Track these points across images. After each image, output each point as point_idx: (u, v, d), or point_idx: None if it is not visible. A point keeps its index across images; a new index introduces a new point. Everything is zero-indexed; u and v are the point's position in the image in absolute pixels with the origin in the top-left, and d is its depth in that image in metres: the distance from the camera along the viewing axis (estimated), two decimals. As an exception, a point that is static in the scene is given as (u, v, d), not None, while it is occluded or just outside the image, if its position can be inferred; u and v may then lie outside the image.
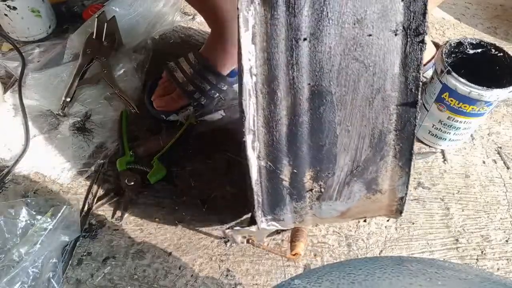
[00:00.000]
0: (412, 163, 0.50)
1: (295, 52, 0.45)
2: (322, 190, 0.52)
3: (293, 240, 0.67)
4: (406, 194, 0.52)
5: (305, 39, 0.45)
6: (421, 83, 0.46)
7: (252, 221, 0.56)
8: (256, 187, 0.52)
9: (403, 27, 0.45)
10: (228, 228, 0.59)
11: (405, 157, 0.50)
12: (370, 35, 0.45)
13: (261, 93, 0.47)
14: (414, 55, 0.45)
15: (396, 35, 0.45)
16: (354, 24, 0.45)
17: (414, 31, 0.45)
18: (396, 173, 0.51)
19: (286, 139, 0.49)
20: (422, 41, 0.45)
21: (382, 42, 0.45)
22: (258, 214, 0.54)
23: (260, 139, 0.49)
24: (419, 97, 0.46)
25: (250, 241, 0.66)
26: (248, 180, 0.52)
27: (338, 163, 0.50)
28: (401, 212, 0.56)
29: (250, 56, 0.45)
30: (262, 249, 0.69)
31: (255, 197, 0.53)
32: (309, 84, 0.47)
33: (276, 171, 0.51)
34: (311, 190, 0.52)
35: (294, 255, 0.66)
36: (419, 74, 0.45)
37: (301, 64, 0.46)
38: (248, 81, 0.46)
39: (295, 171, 0.51)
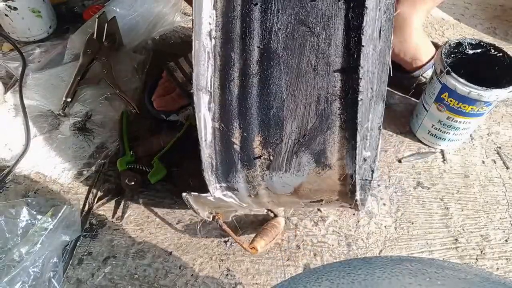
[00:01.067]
0: (358, 135, 0.48)
1: (247, 17, 0.47)
2: (271, 157, 0.52)
3: (258, 235, 0.69)
4: (355, 171, 0.50)
5: (256, 4, 0.47)
6: (362, 48, 0.45)
7: (207, 189, 0.56)
8: (210, 150, 0.52)
9: None
10: (186, 193, 0.59)
11: (351, 128, 0.48)
12: (313, 0, 0.46)
13: (218, 55, 0.49)
14: (356, 20, 0.46)
15: (339, 0, 0.46)
16: None
17: None
18: (343, 145, 0.50)
19: (237, 101, 0.50)
20: (363, 5, 0.45)
21: (325, 6, 0.46)
22: (212, 179, 0.55)
23: (216, 100, 0.50)
24: (361, 62, 0.45)
25: (216, 218, 0.66)
26: (202, 143, 0.52)
27: (285, 129, 0.50)
28: (353, 196, 0.53)
29: (211, 20, 0.47)
30: (224, 230, 0.68)
31: (209, 160, 0.53)
32: (259, 47, 0.48)
33: (228, 133, 0.51)
34: (260, 157, 0.52)
35: (251, 248, 0.67)
36: (361, 39, 0.45)
37: (252, 27, 0.47)
38: (208, 44, 0.48)
39: (245, 134, 0.51)
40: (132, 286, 0.68)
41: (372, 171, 0.73)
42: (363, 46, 0.45)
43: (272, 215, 0.76)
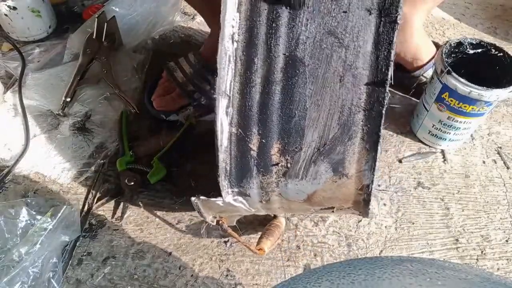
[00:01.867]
0: (379, 147, 0.48)
1: (274, 23, 0.47)
2: (289, 165, 0.52)
3: (263, 236, 0.69)
4: (372, 182, 0.51)
5: (283, 11, 0.47)
6: (391, 63, 0.45)
7: (219, 193, 0.56)
8: (225, 154, 0.52)
9: (378, 7, 0.46)
10: (195, 197, 0.58)
11: (372, 140, 0.49)
12: (345, 11, 0.46)
13: (239, 59, 0.48)
14: (386, 35, 0.46)
15: (370, 14, 0.46)
16: (332, 0, 0.46)
17: (387, 11, 0.46)
18: (363, 156, 0.50)
19: (257, 107, 0.50)
20: (395, 21, 0.45)
21: (356, 19, 0.46)
22: (225, 184, 0.54)
23: (234, 105, 0.50)
24: (389, 76, 0.46)
25: (220, 222, 0.66)
26: (218, 148, 0.52)
27: (306, 138, 0.50)
28: (367, 204, 0.54)
29: (234, 23, 0.47)
30: (229, 234, 0.68)
31: (223, 165, 0.53)
32: (284, 54, 0.48)
33: (245, 138, 0.51)
34: (277, 164, 0.52)
35: (259, 249, 0.67)
36: (390, 53, 0.45)
37: (279, 34, 0.47)
38: (229, 47, 0.48)
39: (263, 141, 0.51)
40: (132, 287, 0.68)
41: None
42: (391, 61, 0.45)
43: (272, 215, 0.76)
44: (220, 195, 0.56)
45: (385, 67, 0.46)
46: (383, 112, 0.47)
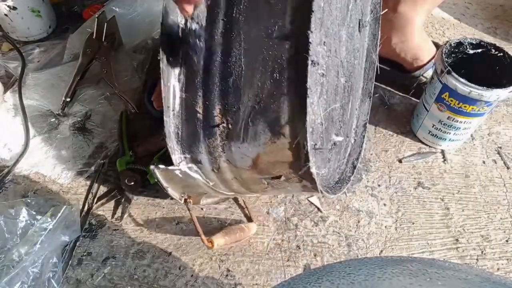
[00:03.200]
0: (311, 101, 0.48)
1: None
2: (230, 126, 0.53)
3: (221, 232, 0.71)
4: (306, 140, 0.49)
5: None
6: (312, 14, 0.46)
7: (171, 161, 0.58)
8: (177, 120, 0.55)
9: None
10: (153, 166, 0.60)
11: (302, 94, 0.48)
12: None
13: (187, 28, 0.52)
14: None
15: None
16: None
17: None
18: (295, 113, 0.50)
19: (202, 71, 0.53)
20: None
21: None
22: (177, 149, 0.57)
23: (184, 72, 0.53)
24: (311, 27, 0.46)
25: (187, 200, 0.67)
26: (170, 113, 0.54)
27: (243, 97, 0.51)
28: (308, 169, 0.52)
29: None
30: (190, 216, 0.69)
31: (176, 130, 0.55)
32: (223, 19, 0.51)
33: (193, 102, 0.53)
34: (219, 125, 0.54)
35: (209, 242, 0.68)
36: (311, 7, 0.46)
37: (218, 1, 0.51)
38: (181, 20, 0.53)
39: (207, 103, 0.53)
40: (132, 287, 0.68)
41: (354, 167, 0.72)
42: (313, 11, 0.45)
43: (245, 219, 0.77)
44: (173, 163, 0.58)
45: (306, 19, 0.46)
46: (308, 64, 0.47)
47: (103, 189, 0.79)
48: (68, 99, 0.88)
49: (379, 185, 0.83)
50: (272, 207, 0.78)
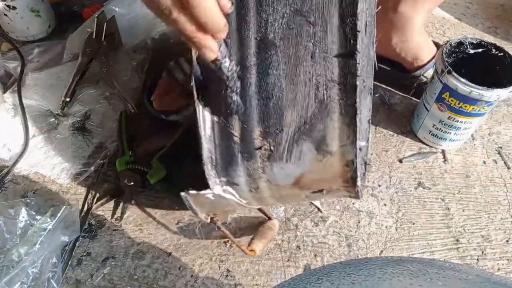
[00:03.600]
0: (359, 118, 0.48)
1: (242, 9, 0.48)
2: (272, 148, 0.52)
3: (255, 237, 0.70)
4: (355, 156, 0.50)
5: None
6: (358, 33, 0.46)
7: (207, 185, 0.56)
8: (209, 144, 0.53)
9: None
10: (184, 192, 0.58)
11: (350, 113, 0.49)
12: None
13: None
14: (350, 7, 0.46)
15: None
16: None
17: None
18: (343, 131, 0.50)
19: (239, 93, 0.51)
20: None
21: None
22: (212, 173, 0.55)
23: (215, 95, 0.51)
24: (358, 47, 0.46)
25: (214, 219, 0.66)
26: (202, 137, 0.53)
27: (285, 119, 0.51)
28: (355, 182, 0.53)
29: None
30: (223, 233, 0.68)
31: (209, 155, 0.53)
32: (256, 38, 0.48)
33: (228, 126, 0.52)
34: (261, 147, 0.52)
35: (250, 250, 0.67)
36: (356, 24, 0.46)
37: (247, 19, 0.48)
38: None
39: (245, 126, 0.51)
40: (131, 287, 0.68)
41: (365, 163, 0.72)
42: (358, 32, 0.45)
43: (266, 218, 0.76)
44: (208, 187, 0.56)
45: (353, 38, 0.46)
46: (357, 83, 0.47)
47: (102, 189, 0.79)
48: (68, 99, 0.88)
49: (379, 185, 0.83)
50: (272, 208, 0.78)
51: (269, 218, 0.75)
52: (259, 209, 0.76)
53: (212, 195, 0.57)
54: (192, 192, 0.57)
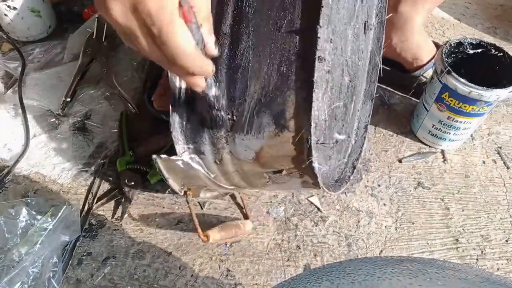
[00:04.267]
0: (316, 96, 0.48)
1: None
2: (235, 118, 0.53)
3: (217, 227, 0.71)
4: (310, 134, 0.50)
5: None
6: (322, 8, 0.46)
7: (174, 151, 0.58)
8: (180, 110, 0.55)
9: None
10: (156, 155, 0.60)
11: (307, 89, 0.48)
12: None
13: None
14: None
15: None
16: None
17: None
18: (300, 106, 0.50)
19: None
20: None
21: None
22: (181, 139, 0.57)
23: None
24: (320, 22, 0.46)
25: (187, 193, 0.68)
26: (175, 103, 0.54)
27: (249, 89, 0.52)
28: (311, 164, 0.52)
29: None
30: (189, 209, 0.70)
31: (180, 120, 0.56)
32: (233, 11, 0.51)
33: (201, 92, 0.53)
34: (224, 116, 0.54)
35: (205, 236, 0.68)
36: (321, 2, 0.46)
37: None
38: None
39: (214, 93, 0.53)
40: (132, 287, 0.68)
41: (354, 167, 0.72)
42: (322, 6, 0.45)
43: (242, 218, 0.77)
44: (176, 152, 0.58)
45: (316, 15, 0.46)
46: (316, 58, 0.47)
47: (103, 189, 0.79)
48: (68, 99, 0.88)
49: (379, 185, 0.83)
50: (272, 207, 0.78)
51: (246, 218, 0.76)
52: (241, 208, 0.78)
53: (181, 162, 0.59)
54: (163, 156, 0.59)
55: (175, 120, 0.56)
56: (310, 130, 0.49)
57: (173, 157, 0.58)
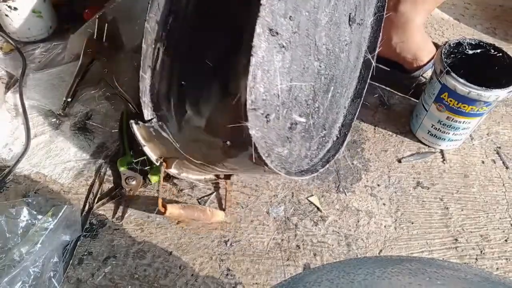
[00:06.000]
0: (254, 60, 0.48)
1: None
2: (192, 85, 0.57)
3: (180, 204, 0.73)
4: (246, 98, 0.50)
5: None
6: None
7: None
8: (155, 78, 0.60)
9: None
10: (133, 120, 0.64)
11: (247, 52, 0.48)
12: None
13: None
14: None
15: None
16: None
17: None
18: (240, 72, 0.50)
19: (178, 34, 0.58)
20: None
21: None
22: (150, 105, 0.62)
23: (166, 35, 0.59)
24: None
25: (163, 164, 0.71)
26: (147, 71, 0.60)
27: (203, 56, 0.55)
28: (247, 130, 0.51)
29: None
30: (158, 178, 0.73)
31: (151, 87, 0.61)
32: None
33: (169, 62, 0.58)
34: (182, 83, 0.58)
35: (162, 206, 0.70)
36: None
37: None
38: None
39: (177, 64, 0.58)
40: (132, 286, 0.68)
41: (328, 161, 0.72)
42: None
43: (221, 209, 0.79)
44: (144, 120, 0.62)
45: None
46: (257, 24, 0.47)
47: (104, 189, 0.79)
48: (69, 99, 0.88)
49: (378, 185, 0.83)
50: (272, 207, 0.78)
51: (221, 209, 0.78)
52: (220, 200, 0.79)
53: (152, 129, 0.63)
54: (139, 122, 0.63)
55: (146, 86, 0.60)
56: (246, 94, 0.49)
57: (146, 124, 0.62)
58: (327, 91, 0.68)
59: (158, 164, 0.71)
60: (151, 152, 0.70)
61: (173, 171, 0.74)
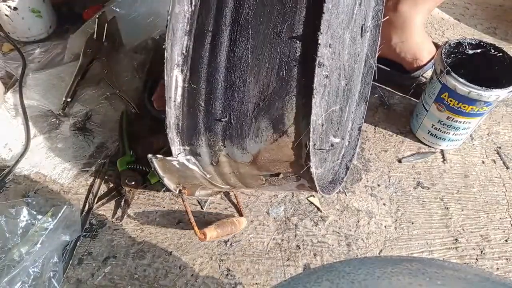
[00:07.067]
0: (314, 101, 0.48)
1: None
2: (232, 121, 0.53)
3: (213, 225, 0.71)
4: (309, 139, 0.50)
5: None
6: (323, 15, 0.46)
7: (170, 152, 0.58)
8: (178, 111, 0.54)
9: None
10: (151, 155, 0.60)
11: (307, 94, 0.48)
12: None
13: (195, 20, 0.51)
14: None
15: None
16: None
17: None
18: (299, 112, 0.50)
19: (207, 63, 0.52)
20: None
21: None
22: (176, 140, 0.57)
23: (189, 62, 0.53)
24: (321, 29, 0.46)
25: (182, 191, 0.68)
26: (171, 104, 0.54)
27: (247, 93, 0.52)
28: (308, 169, 0.53)
29: None
30: (185, 207, 0.69)
31: (176, 121, 0.55)
32: (232, 13, 0.50)
33: (196, 94, 0.53)
34: (221, 119, 0.54)
35: (202, 233, 0.68)
36: (322, 7, 0.46)
37: None
38: (188, 9, 0.51)
39: (210, 96, 0.53)
40: (132, 286, 0.68)
41: (347, 168, 0.73)
42: (323, 13, 0.46)
43: (237, 215, 0.78)
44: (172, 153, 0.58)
45: (317, 20, 0.46)
46: (316, 65, 0.47)
47: (103, 189, 0.79)
48: (69, 99, 0.88)
49: (378, 185, 0.83)
50: (272, 207, 0.78)
51: (240, 215, 0.77)
52: (235, 204, 0.78)
53: (177, 162, 0.59)
54: (159, 156, 0.59)
55: (171, 121, 0.55)
56: (309, 136, 0.49)
57: (169, 158, 0.58)
58: (347, 104, 0.69)
59: (177, 192, 0.68)
60: (170, 182, 0.66)
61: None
